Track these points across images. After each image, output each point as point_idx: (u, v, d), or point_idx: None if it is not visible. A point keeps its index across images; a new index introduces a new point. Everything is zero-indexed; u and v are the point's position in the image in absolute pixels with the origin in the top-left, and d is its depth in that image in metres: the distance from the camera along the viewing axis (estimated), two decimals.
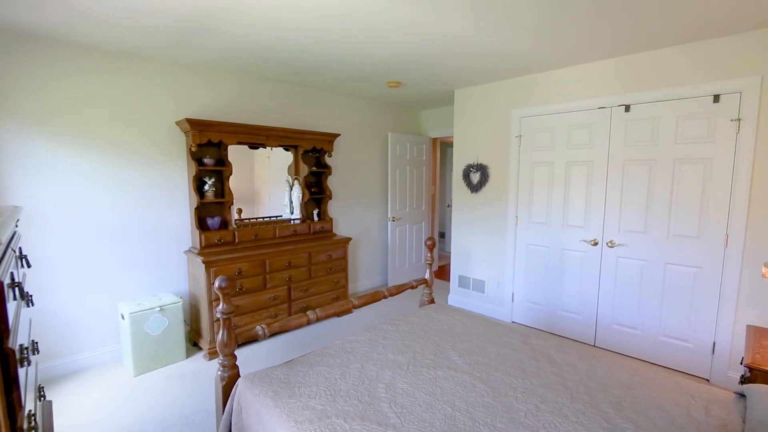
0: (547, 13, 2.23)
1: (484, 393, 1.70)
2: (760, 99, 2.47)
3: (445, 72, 3.46)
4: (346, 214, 4.60)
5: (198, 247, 3.17)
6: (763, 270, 1.94)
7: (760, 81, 2.46)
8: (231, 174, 3.33)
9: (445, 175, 6.95)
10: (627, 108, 3.01)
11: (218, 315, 1.79)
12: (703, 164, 2.72)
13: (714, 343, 2.75)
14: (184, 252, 3.30)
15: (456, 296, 4.37)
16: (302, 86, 4.02)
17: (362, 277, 4.86)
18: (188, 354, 3.15)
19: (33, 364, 1.33)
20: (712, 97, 2.64)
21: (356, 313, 4.10)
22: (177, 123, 3.14)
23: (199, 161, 3.21)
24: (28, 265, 1.35)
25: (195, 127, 3.03)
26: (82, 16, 2.24)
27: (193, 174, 3.15)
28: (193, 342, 3.30)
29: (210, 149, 3.31)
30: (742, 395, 1.68)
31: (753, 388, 1.59)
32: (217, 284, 1.75)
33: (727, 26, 2.40)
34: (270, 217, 3.81)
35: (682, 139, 2.78)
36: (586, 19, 2.31)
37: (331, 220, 4.12)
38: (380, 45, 2.74)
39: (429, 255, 2.90)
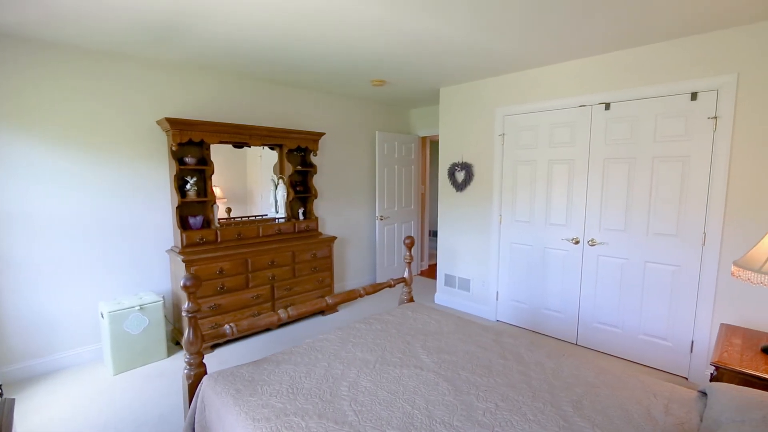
0: (522, 12, 2.22)
1: (446, 391, 1.70)
2: (736, 97, 2.46)
3: (427, 70, 3.45)
4: (333, 213, 4.60)
5: (180, 246, 3.18)
6: (733, 269, 1.93)
7: (736, 78, 2.45)
8: (213, 173, 3.34)
9: (436, 173, 6.95)
10: (607, 106, 2.99)
11: (183, 313, 1.79)
12: (681, 162, 2.70)
13: (692, 342, 2.74)
14: (167, 251, 3.31)
15: (442, 295, 4.37)
16: (286, 85, 4.02)
17: (350, 276, 4.86)
18: (170, 353, 3.16)
19: None
20: (690, 94, 2.63)
21: (342, 311, 4.11)
22: (158, 122, 3.14)
23: (180, 160, 3.21)
24: None
25: (175, 126, 3.04)
26: (63, 15, 2.24)
27: (174, 173, 3.15)
28: (176, 341, 3.32)
29: (192, 148, 3.32)
30: (704, 394, 1.68)
31: (713, 387, 1.59)
32: (181, 283, 1.76)
33: (704, 24, 2.39)
34: (255, 216, 3.82)
35: (661, 137, 2.77)
36: (562, 18, 2.30)
37: (316, 219, 4.12)
38: (358, 43, 2.74)
39: (408, 253, 2.89)
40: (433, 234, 7.37)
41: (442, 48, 2.84)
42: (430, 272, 5.69)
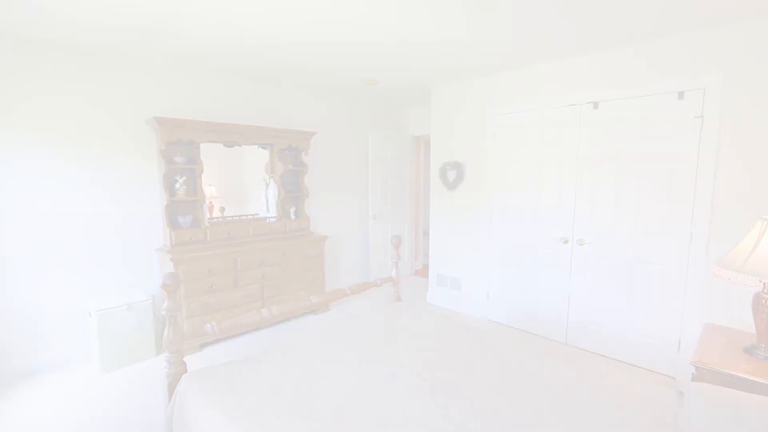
0: (513, 11, 2.22)
1: (424, 390, 1.70)
2: (722, 96, 2.45)
3: (418, 69, 3.44)
4: (325, 213, 4.60)
5: (169, 245, 3.18)
6: (714, 268, 1.93)
7: (722, 78, 2.43)
8: (202, 172, 3.34)
9: (430, 173, 6.93)
10: (596, 105, 2.99)
11: (163, 312, 1.80)
12: (668, 161, 2.70)
13: (679, 341, 2.73)
14: (156, 250, 3.32)
15: (434, 294, 4.36)
16: (278, 83, 4.01)
17: (344, 275, 4.86)
18: (159, 351, 3.16)
19: None
20: (677, 94, 2.62)
21: (334, 310, 4.12)
22: (146, 121, 3.15)
23: (170, 159, 3.21)
24: None
25: (164, 125, 3.04)
26: (52, 14, 2.23)
27: (164, 172, 3.16)
28: None
29: (182, 147, 3.31)
30: (683, 394, 1.67)
31: (690, 387, 1.59)
32: (161, 282, 1.76)
33: (691, 22, 2.38)
34: (246, 216, 3.82)
35: (649, 136, 2.77)
36: (552, 17, 2.30)
37: (308, 218, 4.12)
38: (345, 42, 2.73)
39: (395, 253, 2.89)
40: (428, 233, 7.35)
41: (433, 47, 2.83)
42: (424, 271, 5.68)
